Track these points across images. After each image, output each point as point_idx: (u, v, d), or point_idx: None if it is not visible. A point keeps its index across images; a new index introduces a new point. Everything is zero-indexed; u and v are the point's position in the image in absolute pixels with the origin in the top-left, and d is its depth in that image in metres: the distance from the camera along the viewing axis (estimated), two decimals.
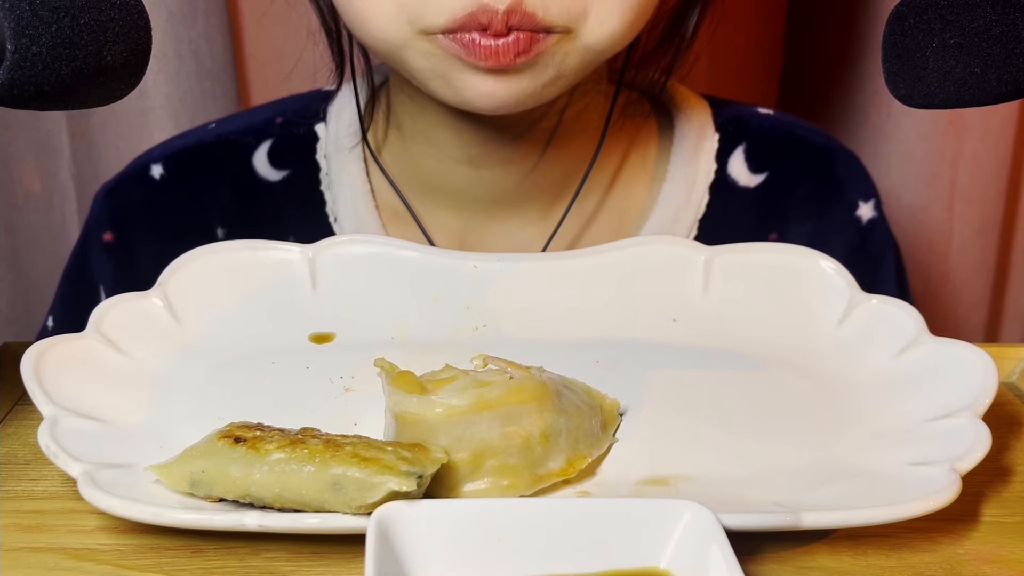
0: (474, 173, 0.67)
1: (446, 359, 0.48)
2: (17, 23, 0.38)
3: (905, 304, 0.52)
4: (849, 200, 0.73)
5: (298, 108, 0.73)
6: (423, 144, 0.68)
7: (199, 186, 0.72)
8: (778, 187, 0.72)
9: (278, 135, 0.72)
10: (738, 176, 0.72)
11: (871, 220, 0.73)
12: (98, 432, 0.45)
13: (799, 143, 0.74)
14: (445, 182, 0.69)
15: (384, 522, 0.38)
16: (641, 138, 0.72)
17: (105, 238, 0.71)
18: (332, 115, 0.72)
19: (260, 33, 0.87)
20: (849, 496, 0.42)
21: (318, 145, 0.72)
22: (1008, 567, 0.41)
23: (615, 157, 0.71)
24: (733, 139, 0.72)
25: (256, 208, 0.72)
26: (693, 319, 0.55)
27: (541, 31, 0.55)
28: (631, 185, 0.71)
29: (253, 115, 0.75)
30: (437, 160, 0.68)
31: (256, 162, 0.72)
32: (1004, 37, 0.41)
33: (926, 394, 0.47)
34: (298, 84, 0.87)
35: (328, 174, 0.71)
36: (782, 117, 0.75)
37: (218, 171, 0.72)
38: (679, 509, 0.39)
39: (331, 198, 0.71)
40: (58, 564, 0.41)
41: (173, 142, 0.74)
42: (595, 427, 0.46)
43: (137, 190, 0.72)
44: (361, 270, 0.56)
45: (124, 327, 0.51)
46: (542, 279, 0.56)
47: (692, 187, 0.71)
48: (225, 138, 0.73)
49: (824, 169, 0.73)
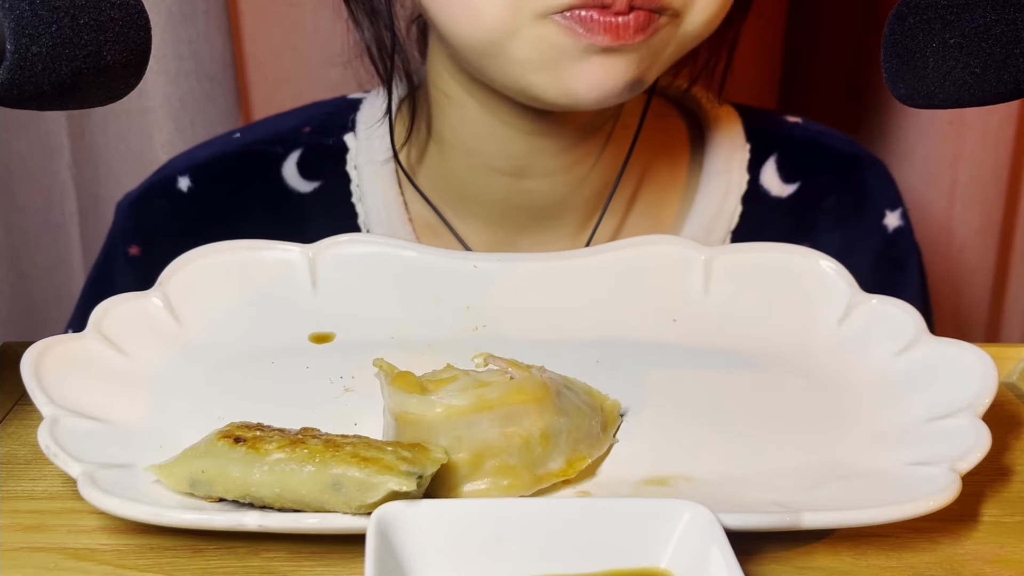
0: (516, 184, 0.67)
1: (446, 359, 0.48)
2: (17, 23, 0.38)
3: (905, 304, 0.52)
4: (877, 209, 0.73)
5: (325, 117, 0.72)
6: (464, 155, 0.67)
7: (228, 198, 0.71)
8: (809, 196, 0.73)
9: (307, 145, 0.71)
10: (770, 186, 0.72)
11: (897, 229, 0.74)
12: (98, 432, 0.45)
13: (829, 152, 0.74)
14: (483, 193, 0.68)
15: (384, 522, 0.38)
16: (672, 148, 0.72)
17: (131, 252, 0.70)
18: (361, 125, 0.71)
19: (260, 33, 0.87)
20: (849, 496, 0.42)
21: (348, 156, 0.71)
22: (1008, 567, 0.41)
23: (648, 167, 0.70)
24: (764, 149, 0.72)
25: (287, 219, 0.71)
26: (693, 319, 0.55)
27: (657, 11, 0.54)
28: (663, 195, 0.71)
29: (279, 123, 0.73)
30: (478, 171, 0.67)
31: (286, 173, 0.71)
32: (1004, 37, 0.41)
33: (926, 394, 0.47)
34: (298, 84, 0.87)
35: (359, 186, 0.70)
36: (810, 126, 0.75)
37: (247, 182, 0.71)
38: (679, 509, 0.39)
39: (363, 210, 0.70)
40: (58, 564, 0.41)
41: (198, 152, 0.73)
42: (595, 428, 0.46)
43: (164, 203, 0.71)
44: (361, 270, 0.56)
45: (124, 327, 0.51)
46: (542, 279, 0.56)
47: (725, 198, 0.70)
48: (252, 148, 0.71)
49: (853, 178, 0.74)
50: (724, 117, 0.72)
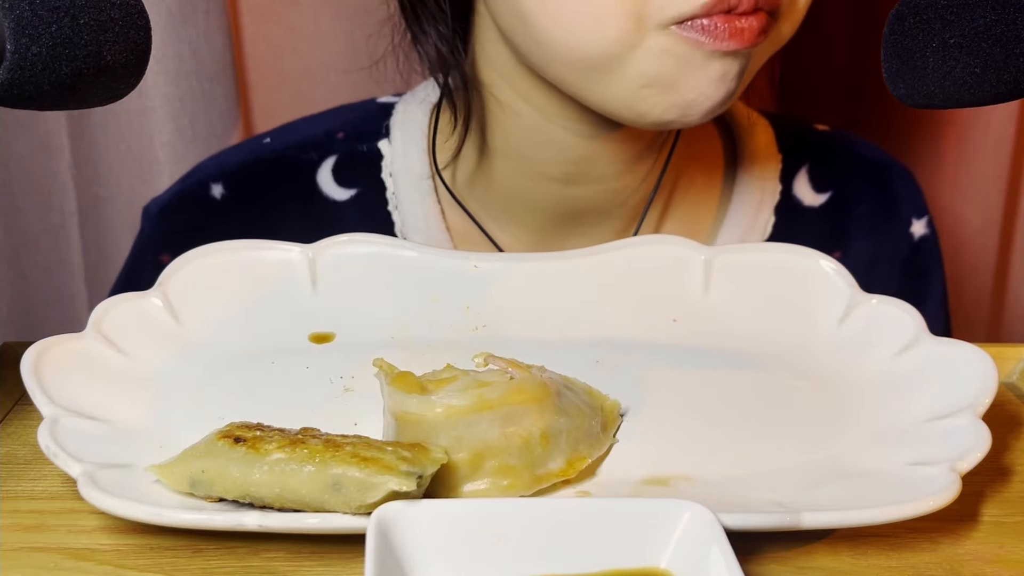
0: (564, 191, 0.66)
1: (446, 359, 0.48)
2: (17, 23, 0.38)
3: (905, 304, 0.52)
4: (904, 217, 0.74)
5: (358, 123, 0.71)
6: (514, 162, 0.66)
7: (263, 205, 0.70)
8: (841, 206, 0.73)
9: (342, 152, 0.70)
10: (803, 196, 0.72)
11: (923, 237, 0.74)
12: (98, 432, 0.45)
13: (860, 161, 0.74)
14: (530, 200, 0.67)
15: (384, 522, 0.38)
16: (708, 157, 0.71)
17: (162, 259, 0.68)
18: (395, 131, 0.70)
19: (260, 33, 0.87)
20: (849, 496, 0.42)
21: (383, 163, 0.70)
22: (1008, 567, 0.41)
23: (683, 175, 0.70)
24: (796, 159, 0.72)
25: (322, 227, 0.68)
26: (693, 319, 0.55)
27: (772, 12, 0.54)
28: (699, 204, 0.71)
29: (311, 127, 0.72)
30: (527, 177, 0.66)
31: (321, 180, 0.70)
32: (1004, 37, 0.41)
33: (926, 394, 0.47)
34: (298, 84, 0.87)
35: (395, 194, 0.69)
36: (839, 134, 0.76)
37: (282, 189, 0.70)
38: (679, 509, 0.39)
39: (399, 219, 0.69)
40: (58, 564, 0.41)
41: (228, 158, 0.72)
42: (595, 428, 0.46)
43: (196, 210, 0.70)
44: (361, 270, 0.56)
45: (124, 327, 0.51)
46: (542, 279, 0.56)
47: (759, 209, 0.70)
48: (286, 154, 0.70)
49: (882, 187, 0.74)
50: (757, 126, 0.72)
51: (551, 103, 0.62)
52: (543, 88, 0.61)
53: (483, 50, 0.64)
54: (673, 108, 0.56)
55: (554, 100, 0.62)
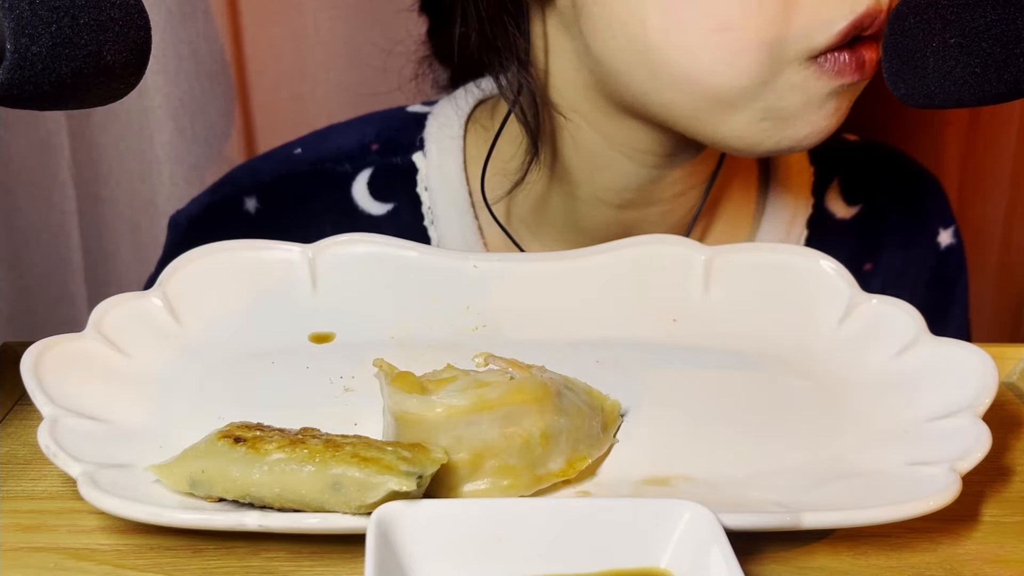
0: (618, 215, 0.65)
1: (446, 359, 0.48)
2: (17, 23, 0.38)
3: (905, 304, 0.52)
4: (932, 228, 0.74)
5: (391, 134, 0.70)
6: (569, 185, 0.64)
7: (299, 220, 0.69)
8: (872, 217, 0.73)
9: (377, 165, 0.69)
10: (835, 209, 0.72)
11: (949, 246, 0.74)
12: (98, 432, 0.45)
13: (890, 171, 0.74)
14: (579, 221, 0.66)
15: (384, 522, 0.38)
16: (744, 173, 0.71)
17: None
18: (430, 143, 0.68)
19: (260, 33, 0.87)
20: (849, 496, 0.42)
21: (418, 177, 0.68)
22: (1008, 567, 0.41)
23: (723, 193, 0.70)
24: (828, 171, 0.72)
25: None
26: (693, 319, 0.55)
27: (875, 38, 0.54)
28: (736, 220, 0.71)
29: (343, 137, 0.71)
30: (579, 200, 0.65)
31: (356, 193, 0.69)
32: (1004, 37, 0.41)
33: (926, 394, 0.47)
34: (298, 84, 0.87)
35: (432, 208, 0.68)
36: (867, 144, 0.75)
37: (317, 203, 0.69)
38: (679, 509, 0.39)
39: (436, 235, 0.68)
40: (58, 564, 0.41)
41: (262, 170, 0.70)
42: (596, 428, 0.46)
43: (230, 223, 0.69)
44: (361, 270, 0.56)
45: (124, 327, 0.51)
46: (542, 279, 0.56)
47: (792, 222, 0.70)
48: (320, 166, 0.69)
49: (911, 198, 0.74)
50: None
51: (620, 131, 0.61)
52: (616, 116, 0.60)
53: (551, 73, 0.61)
54: (787, 140, 0.55)
55: (623, 128, 0.60)
